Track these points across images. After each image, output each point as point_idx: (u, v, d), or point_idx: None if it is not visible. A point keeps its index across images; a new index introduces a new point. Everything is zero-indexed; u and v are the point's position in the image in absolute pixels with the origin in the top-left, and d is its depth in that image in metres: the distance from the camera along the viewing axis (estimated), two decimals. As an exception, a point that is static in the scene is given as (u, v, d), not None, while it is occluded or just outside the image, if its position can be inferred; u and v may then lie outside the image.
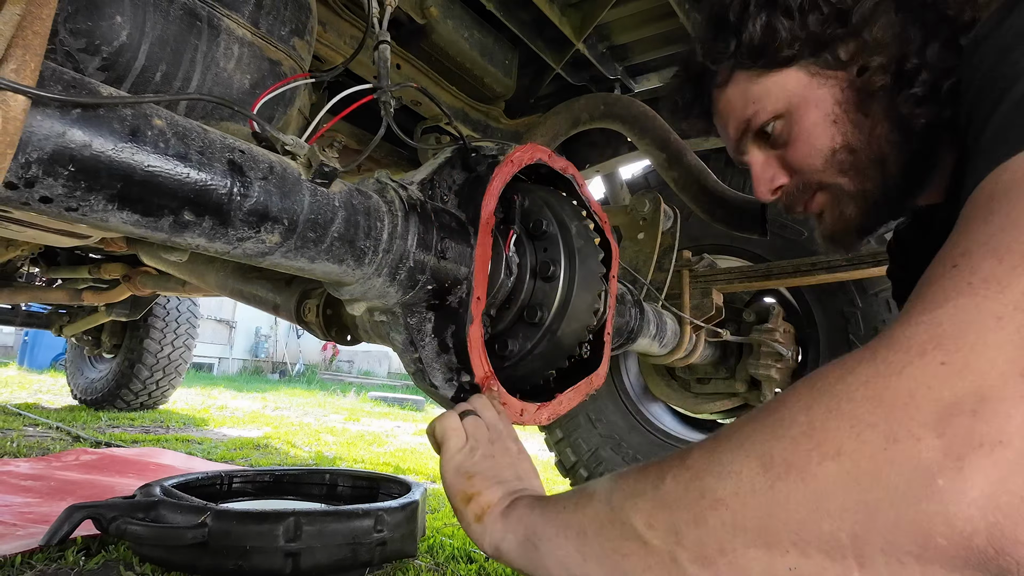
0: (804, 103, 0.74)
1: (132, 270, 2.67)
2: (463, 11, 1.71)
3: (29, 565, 1.55)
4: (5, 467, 2.53)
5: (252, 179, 0.59)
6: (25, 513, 1.94)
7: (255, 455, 3.55)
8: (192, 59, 0.90)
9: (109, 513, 1.53)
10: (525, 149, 0.86)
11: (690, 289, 1.80)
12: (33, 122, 0.45)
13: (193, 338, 4.76)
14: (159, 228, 0.55)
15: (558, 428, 2.42)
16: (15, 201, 0.48)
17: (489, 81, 1.90)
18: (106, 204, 0.51)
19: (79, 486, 2.38)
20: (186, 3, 0.89)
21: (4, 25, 0.44)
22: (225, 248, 0.61)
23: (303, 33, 1.07)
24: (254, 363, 16.00)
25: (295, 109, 1.10)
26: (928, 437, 0.37)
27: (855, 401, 0.41)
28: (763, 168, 0.83)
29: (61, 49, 0.78)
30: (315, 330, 1.02)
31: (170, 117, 0.55)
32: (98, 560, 1.62)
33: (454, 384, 0.77)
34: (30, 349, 10.03)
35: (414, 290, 0.76)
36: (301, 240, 0.64)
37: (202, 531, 1.48)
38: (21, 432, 3.61)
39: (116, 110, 0.50)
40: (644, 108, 1.71)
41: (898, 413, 0.39)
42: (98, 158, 0.49)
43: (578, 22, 1.80)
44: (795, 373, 2.05)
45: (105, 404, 4.67)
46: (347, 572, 1.63)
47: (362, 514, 1.64)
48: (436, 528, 2.19)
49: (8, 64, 0.44)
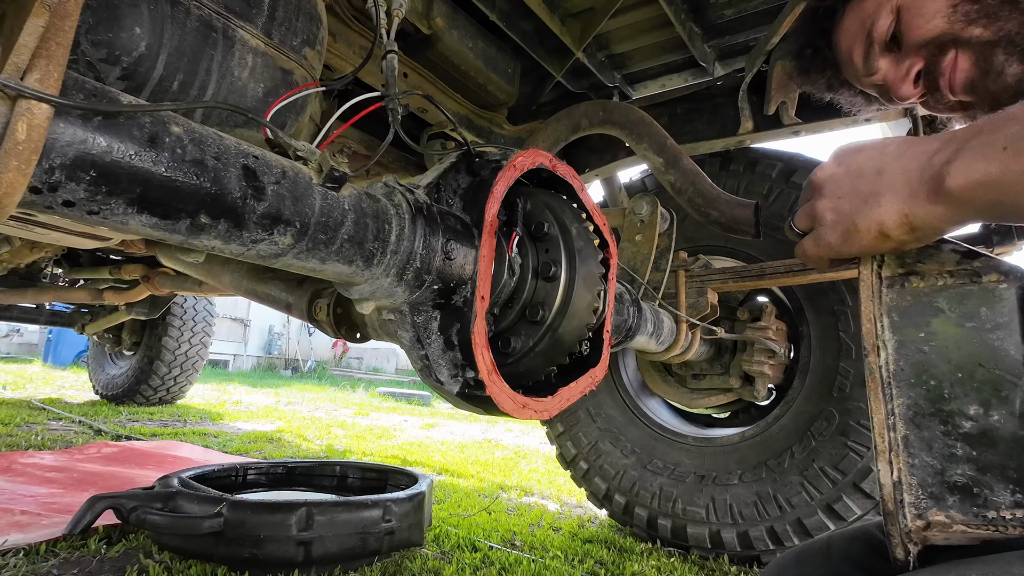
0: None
1: (151, 271, 2.68)
2: (467, 22, 1.71)
3: (53, 553, 1.56)
4: (30, 459, 2.54)
5: (265, 184, 0.59)
6: (49, 503, 1.95)
7: (269, 448, 3.56)
8: (208, 68, 0.90)
9: (129, 503, 1.54)
10: (527, 154, 0.86)
11: (686, 288, 1.79)
12: (56, 129, 0.45)
13: (209, 336, 4.77)
14: (176, 231, 0.55)
15: (559, 422, 2.42)
16: (39, 205, 0.48)
17: (492, 89, 1.90)
18: (126, 208, 0.51)
19: (101, 477, 2.39)
20: (202, 15, 0.89)
21: (28, 36, 0.45)
22: (240, 250, 0.61)
23: (314, 43, 1.08)
24: (268, 360, 16.03)
25: (306, 116, 1.10)
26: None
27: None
28: (896, 67, 0.75)
29: (83, 59, 0.78)
30: (326, 328, 1.02)
31: (187, 124, 0.55)
32: (119, 548, 1.62)
33: (459, 380, 0.77)
34: (54, 346, 10.08)
35: (421, 290, 0.76)
36: (312, 242, 0.64)
37: (218, 521, 1.49)
38: (45, 426, 3.63)
39: (135, 118, 0.50)
40: (642, 114, 1.71)
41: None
42: (118, 164, 0.49)
43: (578, 32, 1.80)
44: (787, 369, 2.05)
45: (125, 399, 4.69)
46: (357, 560, 1.64)
47: (371, 504, 1.64)
48: (442, 518, 2.19)
49: (32, 74, 0.44)
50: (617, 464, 2.25)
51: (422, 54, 1.73)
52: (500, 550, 1.90)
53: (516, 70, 1.96)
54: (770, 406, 2.09)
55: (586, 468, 2.33)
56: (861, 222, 0.53)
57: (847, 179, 0.55)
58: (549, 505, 2.70)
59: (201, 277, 1.33)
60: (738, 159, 2.12)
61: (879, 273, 0.57)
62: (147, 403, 4.72)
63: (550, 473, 3.44)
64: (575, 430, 2.39)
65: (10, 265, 2.62)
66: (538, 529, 2.23)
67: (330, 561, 1.58)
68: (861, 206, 0.53)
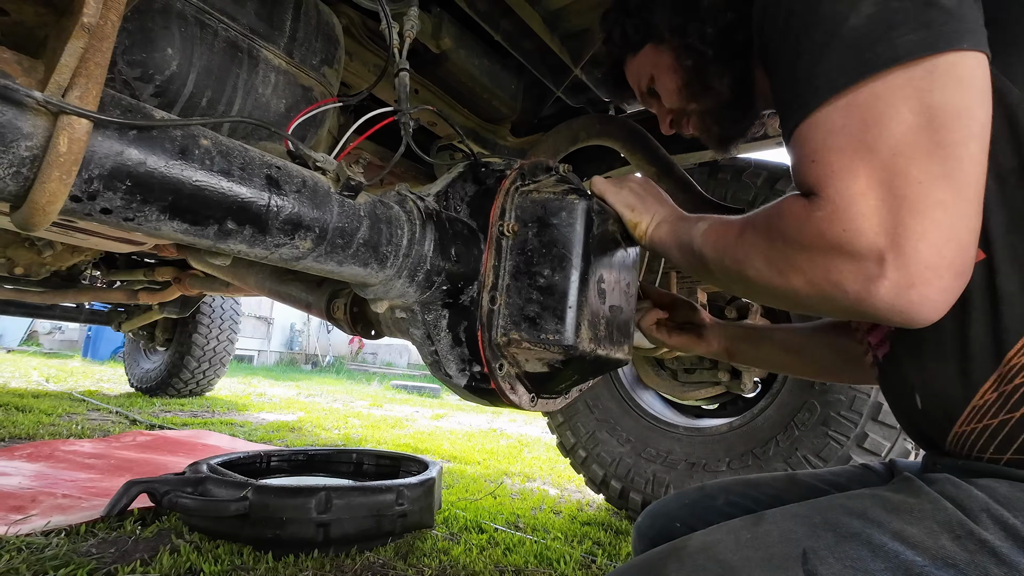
0: (656, 67, 0.92)
1: (182, 273, 2.69)
2: (474, 42, 1.71)
3: (92, 533, 1.57)
4: (71, 447, 2.55)
5: (287, 192, 0.59)
6: (88, 488, 1.96)
7: (290, 436, 3.56)
8: (234, 86, 0.91)
9: (162, 488, 1.54)
10: (528, 164, 0.86)
11: (677, 289, 1.79)
12: (95, 143, 0.46)
13: (235, 333, 4.78)
14: (205, 236, 0.55)
15: (559, 413, 2.42)
16: (79, 212, 0.48)
17: (497, 104, 1.90)
18: (159, 215, 0.51)
19: (136, 464, 2.40)
20: (229, 36, 0.89)
21: (69, 57, 0.45)
22: (264, 253, 0.61)
23: (332, 62, 1.08)
24: (289, 355, 16.06)
25: (325, 130, 1.11)
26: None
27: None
28: (658, 109, 0.98)
29: (119, 78, 0.79)
30: (343, 326, 1.02)
31: (215, 137, 0.55)
32: (152, 529, 1.63)
33: (466, 374, 0.77)
34: (93, 343, 10.13)
35: (430, 290, 0.76)
36: (331, 246, 0.64)
37: (244, 504, 1.49)
38: (85, 416, 3.65)
39: (168, 131, 0.50)
40: (636, 127, 1.70)
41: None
42: (152, 174, 0.49)
43: (576, 51, 1.80)
44: (772, 364, 2.04)
45: (158, 391, 4.70)
46: (372, 541, 1.64)
47: (385, 489, 1.65)
48: (451, 502, 2.19)
49: (73, 91, 0.45)
50: (613, 452, 2.25)
51: (432, 72, 1.73)
52: (505, 531, 1.89)
53: (519, 86, 1.96)
54: (756, 398, 2.08)
55: (584, 456, 2.33)
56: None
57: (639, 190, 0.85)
58: (550, 490, 2.69)
59: (228, 279, 1.34)
60: (725, 169, 2.11)
61: (517, 186, 0.80)
62: (178, 395, 4.73)
63: (551, 460, 3.43)
64: (574, 420, 2.38)
65: (53, 268, 2.64)
66: (540, 512, 2.23)
67: (347, 542, 1.58)
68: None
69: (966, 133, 0.47)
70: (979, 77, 0.49)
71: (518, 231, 0.78)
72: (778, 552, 0.51)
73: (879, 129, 0.49)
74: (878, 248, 0.48)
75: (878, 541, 0.50)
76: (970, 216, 0.48)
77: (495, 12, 1.55)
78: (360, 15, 1.50)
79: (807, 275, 0.54)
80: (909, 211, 0.47)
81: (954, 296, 0.49)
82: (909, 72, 0.48)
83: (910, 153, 0.47)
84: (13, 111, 0.42)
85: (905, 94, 0.48)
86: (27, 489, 1.85)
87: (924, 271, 0.47)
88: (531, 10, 1.55)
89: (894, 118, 0.48)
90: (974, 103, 0.48)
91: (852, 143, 0.50)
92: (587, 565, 1.68)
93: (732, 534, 0.56)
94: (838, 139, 0.51)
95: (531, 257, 0.76)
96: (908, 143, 0.48)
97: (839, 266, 0.51)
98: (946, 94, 0.48)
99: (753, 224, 0.61)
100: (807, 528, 0.53)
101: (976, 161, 0.48)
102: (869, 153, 0.49)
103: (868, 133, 0.49)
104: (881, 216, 0.48)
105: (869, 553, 0.49)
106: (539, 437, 4.46)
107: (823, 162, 0.51)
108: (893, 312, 0.49)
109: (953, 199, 0.47)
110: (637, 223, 0.82)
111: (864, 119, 0.49)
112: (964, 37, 0.48)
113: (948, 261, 0.47)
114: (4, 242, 2.32)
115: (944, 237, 0.47)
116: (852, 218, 0.49)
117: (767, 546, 0.52)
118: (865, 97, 0.50)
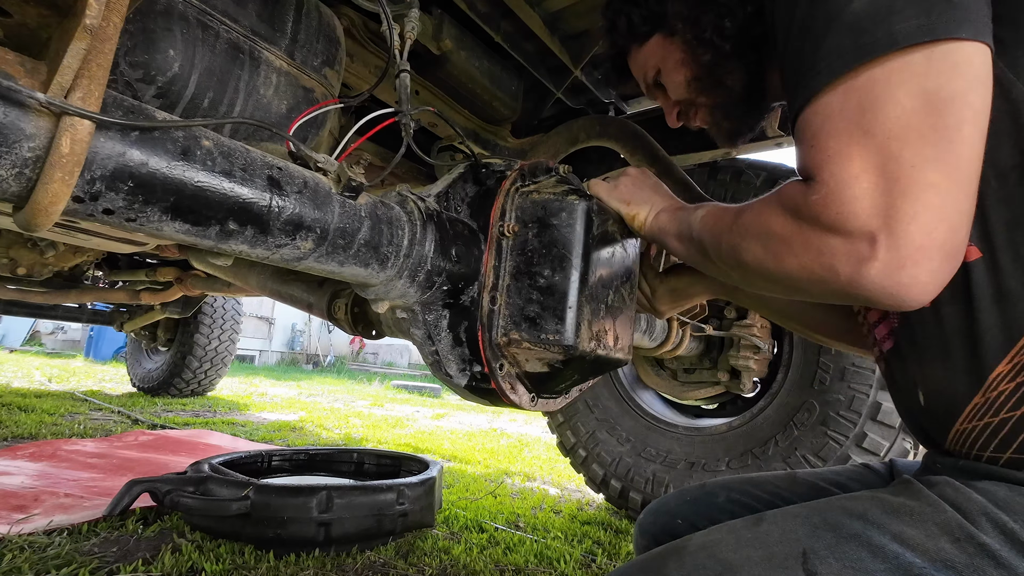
0: (664, 59, 0.90)
1: (184, 273, 2.68)
2: (474, 43, 1.71)
3: (94, 532, 1.57)
4: (73, 446, 2.55)
5: (288, 193, 0.59)
6: (91, 487, 1.96)
7: (292, 436, 3.56)
8: (236, 87, 0.91)
9: (164, 487, 1.54)
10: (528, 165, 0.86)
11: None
12: (97, 144, 0.46)
13: (237, 333, 4.78)
14: (207, 236, 0.55)
15: (559, 413, 2.42)
16: (82, 213, 0.48)
17: (497, 105, 1.90)
18: (161, 215, 0.51)
19: (138, 463, 2.40)
20: (231, 38, 0.89)
21: (72, 59, 0.45)
22: (265, 254, 0.61)
23: (333, 63, 1.08)
24: (290, 355, 16.06)
25: (326, 131, 1.11)
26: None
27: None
28: (664, 102, 0.96)
29: (121, 79, 0.79)
30: (344, 326, 1.02)
31: (216, 138, 0.55)
32: (154, 528, 1.63)
33: (467, 374, 0.77)
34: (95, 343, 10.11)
35: (431, 290, 0.76)
36: (332, 246, 0.64)
37: (245, 503, 1.49)
38: (87, 416, 3.65)
39: (169, 133, 0.50)
40: (635, 128, 1.70)
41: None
42: (154, 175, 0.49)
43: (576, 53, 1.80)
44: (771, 364, 2.04)
45: (160, 391, 4.70)
46: (373, 540, 1.64)
47: (386, 489, 1.64)
48: (451, 501, 2.19)
49: (75, 93, 0.45)
50: (613, 452, 2.24)
51: (433, 73, 1.73)
52: (505, 531, 1.89)
53: (519, 87, 1.96)
54: (755, 398, 2.08)
55: (584, 455, 2.33)
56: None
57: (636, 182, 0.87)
58: (550, 490, 2.69)
59: (230, 279, 1.34)
60: (725, 169, 2.11)
61: (517, 187, 0.80)
62: (180, 395, 4.73)
63: (551, 460, 3.43)
64: (574, 420, 2.38)
65: (55, 268, 2.64)
66: (540, 512, 2.23)
67: (348, 541, 1.58)
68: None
69: (960, 117, 0.48)
70: (977, 65, 0.49)
71: (518, 232, 0.78)
72: (778, 551, 0.51)
73: (875, 113, 0.49)
74: (870, 230, 0.48)
75: (878, 542, 0.50)
76: (961, 199, 0.48)
77: (495, 13, 1.55)
78: (361, 16, 1.50)
79: (800, 258, 0.54)
80: (901, 194, 0.47)
81: (944, 278, 0.49)
82: (907, 57, 0.48)
83: (905, 137, 0.48)
84: (16, 112, 0.42)
85: (902, 79, 0.48)
86: (30, 488, 1.85)
87: (914, 252, 0.47)
88: (531, 12, 1.55)
89: (890, 102, 0.48)
90: (969, 89, 0.48)
91: (848, 127, 0.50)
92: (587, 564, 1.67)
93: (732, 533, 0.56)
94: (835, 123, 0.51)
95: (531, 257, 0.76)
96: (903, 127, 0.48)
97: (832, 248, 0.51)
98: (942, 80, 0.48)
99: (751, 208, 0.62)
100: (807, 528, 0.53)
101: (969, 145, 0.48)
102: (864, 137, 0.49)
103: (864, 117, 0.49)
104: (874, 199, 0.48)
105: (869, 554, 0.49)
106: (539, 437, 4.46)
107: (820, 146, 0.52)
108: (884, 294, 0.49)
109: (944, 181, 0.47)
110: (635, 215, 0.82)
111: (861, 103, 0.50)
112: (963, 26, 0.48)
113: (939, 243, 0.47)
114: (7, 243, 2.32)
115: (935, 219, 0.47)
116: (846, 201, 0.49)
117: (767, 545, 0.53)
118: (863, 81, 0.50)
